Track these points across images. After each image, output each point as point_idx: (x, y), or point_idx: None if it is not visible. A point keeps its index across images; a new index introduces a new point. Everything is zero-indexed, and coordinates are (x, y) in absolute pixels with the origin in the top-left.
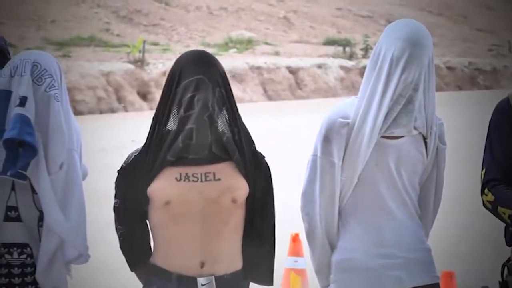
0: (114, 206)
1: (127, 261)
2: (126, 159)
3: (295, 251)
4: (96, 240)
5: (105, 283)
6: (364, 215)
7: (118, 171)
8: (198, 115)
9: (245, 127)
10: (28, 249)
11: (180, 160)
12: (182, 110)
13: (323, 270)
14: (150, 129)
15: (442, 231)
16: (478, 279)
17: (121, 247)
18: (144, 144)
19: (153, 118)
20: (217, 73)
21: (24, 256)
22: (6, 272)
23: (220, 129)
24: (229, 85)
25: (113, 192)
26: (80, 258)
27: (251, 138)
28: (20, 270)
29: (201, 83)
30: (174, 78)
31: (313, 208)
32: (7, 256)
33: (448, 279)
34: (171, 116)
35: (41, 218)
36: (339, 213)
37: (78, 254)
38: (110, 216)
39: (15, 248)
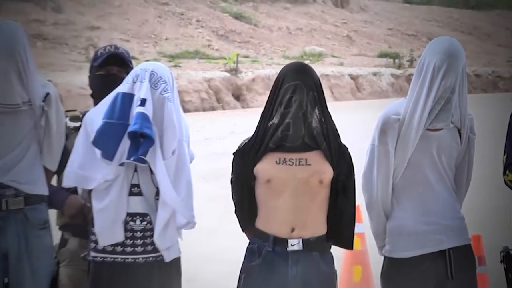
0: (230, 180)
1: (239, 223)
2: (240, 144)
3: (356, 218)
4: (200, 210)
5: (208, 244)
6: (412, 191)
7: (233, 153)
8: (294, 112)
9: (333, 124)
10: (148, 217)
11: (280, 148)
12: (282, 108)
13: (380, 234)
14: (258, 122)
15: (472, 203)
16: (501, 241)
17: (235, 212)
18: (253, 133)
19: (261, 114)
20: (311, 80)
21: (145, 223)
22: (130, 235)
23: (312, 124)
24: (321, 89)
25: (214, 172)
26: (188, 225)
27: (338, 132)
28: (141, 234)
29: (297, 87)
30: (278, 82)
31: (372, 186)
32: (131, 223)
33: (477, 241)
34: (274, 112)
35: (157, 193)
36: (392, 190)
37: (186, 222)
38: (211, 192)
39: (137, 217)
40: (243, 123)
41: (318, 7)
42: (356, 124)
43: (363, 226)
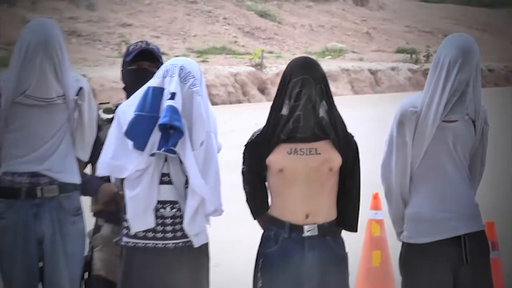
0: (242, 171)
1: (251, 211)
2: (251, 136)
3: (375, 205)
4: (228, 198)
5: (234, 231)
6: (429, 180)
7: (245, 145)
8: (304, 105)
9: (339, 114)
10: (177, 205)
11: (291, 138)
12: (292, 101)
13: (398, 221)
14: (268, 115)
15: (486, 191)
16: None
17: (247, 201)
18: (264, 126)
19: (271, 106)
20: (318, 73)
21: (174, 210)
22: (161, 222)
23: (320, 116)
24: (327, 82)
25: (238, 162)
26: (216, 212)
27: (344, 122)
28: (171, 220)
29: (306, 81)
30: (286, 77)
31: (390, 175)
32: (161, 210)
33: (490, 228)
34: (284, 105)
35: (186, 182)
36: (410, 178)
37: (214, 209)
38: (238, 181)
39: (168, 204)
40: (267, 115)
41: (339, 5)
42: (375, 117)
43: (382, 213)
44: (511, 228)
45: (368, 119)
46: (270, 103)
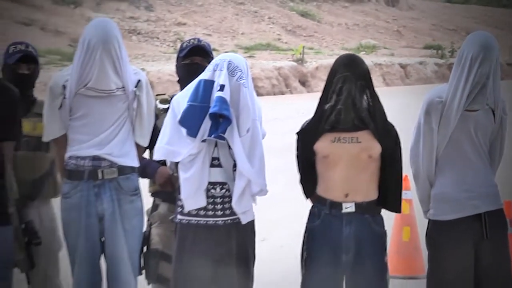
0: (296, 156)
1: (303, 191)
2: (301, 125)
3: (405, 186)
4: (272, 179)
5: (278, 210)
6: (452, 163)
7: (296, 133)
8: (344, 99)
9: (381, 106)
10: (226, 185)
11: (334, 129)
12: (335, 95)
13: (425, 200)
14: (316, 107)
15: (505, 173)
16: None
17: (300, 181)
18: (312, 117)
19: (319, 99)
20: (359, 70)
21: (224, 190)
22: (211, 201)
23: (360, 109)
24: (370, 77)
25: (283, 147)
26: (261, 192)
27: (384, 114)
28: (221, 200)
29: (347, 78)
30: (332, 73)
31: (418, 158)
32: (212, 190)
33: (508, 206)
34: (329, 98)
35: (234, 165)
36: (436, 162)
37: (259, 190)
38: (281, 164)
39: (217, 185)
40: (308, 105)
41: (372, 6)
42: (404, 106)
43: (411, 193)
44: None
45: (398, 109)
46: (310, 94)
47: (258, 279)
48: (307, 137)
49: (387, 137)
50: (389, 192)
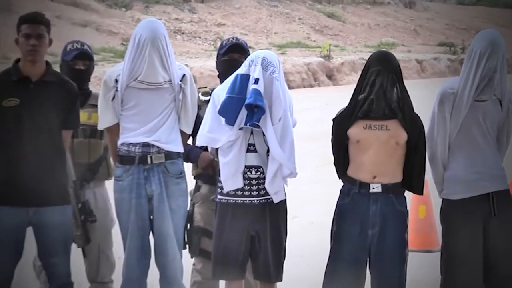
0: (331, 140)
1: (336, 171)
2: (337, 112)
3: None
4: (302, 163)
5: (307, 190)
6: (463, 148)
7: (332, 119)
8: (377, 91)
9: (409, 99)
10: (261, 169)
11: (366, 116)
12: (368, 87)
13: (439, 181)
14: (351, 96)
15: (510, 158)
16: None
17: (334, 163)
18: (347, 105)
19: (354, 90)
20: (391, 65)
21: (258, 173)
22: (247, 183)
23: (390, 100)
24: (400, 72)
25: (312, 135)
26: (291, 174)
27: (411, 105)
28: (256, 181)
29: (380, 72)
30: (366, 67)
31: (433, 143)
32: (248, 173)
33: None
34: (363, 89)
35: (268, 150)
36: (449, 147)
37: (290, 172)
38: (310, 149)
39: (253, 168)
40: (334, 97)
41: (392, 7)
42: (421, 97)
43: (427, 175)
44: None
45: (415, 100)
46: (336, 87)
47: (289, 253)
48: (341, 123)
49: (413, 126)
50: (413, 176)
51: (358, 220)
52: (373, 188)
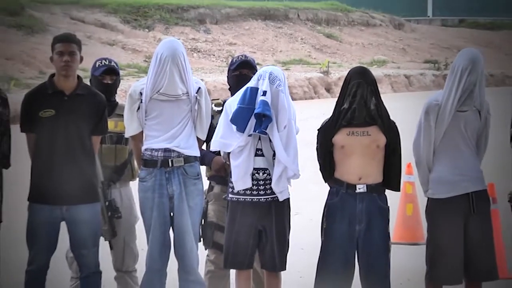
0: (316, 148)
1: (322, 176)
2: (321, 123)
3: (409, 172)
4: (304, 165)
5: (309, 189)
6: (447, 153)
7: (318, 129)
8: (358, 101)
9: (385, 107)
10: (267, 171)
11: (349, 124)
12: (350, 97)
13: (425, 182)
14: (334, 108)
15: (488, 161)
16: (508, 188)
17: (320, 169)
18: (331, 115)
19: (336, 101)
20: (369, 78)
21: (265, 175)
22: (255, 183)
23: (370, 108)
24: (376, 84)
25: (312, 140)
26: (295, 176)
27: (387, 113)
28: (263, 182)
29: (360, 84)
30: (347, 80)
31: (419, 149)
32: (256, 175)
33: (491, 188)
34: (344, 100)
35: (274, 155)
36: (434, 152)
37: (293, 174)
38: (311, 154)
39: (260, 170)
40: (332, 108)
41: (383, 29)
42: (409, 109)
43: (414, 177)
44: (506, 188)
45: (404, 110)
46: (334, 99)
47: (292, 245)
48: (327, 132)
49: (391, 131)
50: (391, 175)
51: (346, 217)
52: (359, 189)
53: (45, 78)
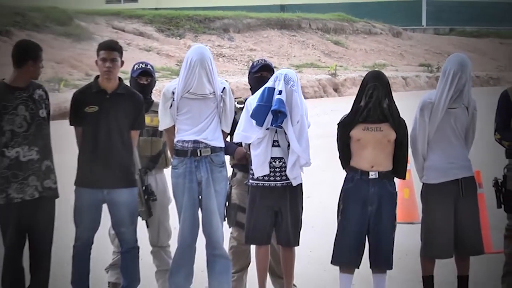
0: (336, 139)
1: (341, 163)
2: (341, 118)
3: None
4: (314, 155)
5: (319, 176)
6: (439, 144)
7: (337, 123)
8: (374, 101)
9: (396, 106)
10: (283, 159)
11: (365, 121)
12: (367, 98)
13: (420, 169)
14: (352, 105)
15: (475, 152)
16: (493, 174)
17: (339, 157)
18: (349, 112)
19: (354, 100)
20: (383, 82)
21: (281, 163)
22: (272, 170)
23: (383, 108)
24: (389, 86)
25: (322, 133)
26: (306, 164)
27: (398, 111)
28: (279, 169)
29: (376, 86)
30: (364, 82)
31: (415, 141)
32: (273, 163)
33: (478, 174)
34: (362, 100)
35: (288, 145)
36: (428, 143)
37: (305, 162)
38: (321, 145)
39: (277, 159)
40: (338, 105)
41: (383, 37)
42: (406, 106)
43: (411, 165)
44: (491, 175)
45: (402, 107)
46: (341, 98)
47: (303, 224)
48: (345, 127)
49: (400, 128)
50: (399, 165)
51: (360, 200)
52: (371, 175)
53: (91, 79)
